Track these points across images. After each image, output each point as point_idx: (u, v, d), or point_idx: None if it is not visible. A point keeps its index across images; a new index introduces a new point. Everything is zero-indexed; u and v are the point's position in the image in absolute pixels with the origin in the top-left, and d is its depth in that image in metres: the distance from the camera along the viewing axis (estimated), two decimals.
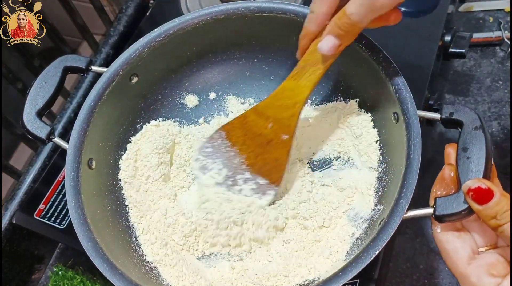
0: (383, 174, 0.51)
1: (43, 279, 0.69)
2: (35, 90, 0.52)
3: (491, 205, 0.39)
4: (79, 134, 0.50)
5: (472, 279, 0.39)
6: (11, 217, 0.64)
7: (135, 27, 0.81)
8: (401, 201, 0.42)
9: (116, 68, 0.53)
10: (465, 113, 0.45)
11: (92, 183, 0.50)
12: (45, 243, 0.69)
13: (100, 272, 0.44)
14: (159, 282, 0.48)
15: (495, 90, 0.76)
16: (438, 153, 0.72)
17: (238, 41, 0.58)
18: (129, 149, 0.55)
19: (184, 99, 0.61)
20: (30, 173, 0.69)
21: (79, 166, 0.48)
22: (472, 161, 0.42)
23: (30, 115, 0.51)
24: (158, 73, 0.58)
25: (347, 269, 0.41)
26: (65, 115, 0.73)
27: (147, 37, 0.54)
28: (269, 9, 0.54)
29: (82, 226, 0.45)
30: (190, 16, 0.55)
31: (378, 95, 0.52)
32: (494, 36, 0.79)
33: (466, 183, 0.40)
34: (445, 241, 0.42)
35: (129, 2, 0.83)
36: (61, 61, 0.54)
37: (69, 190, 0.47)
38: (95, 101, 0.52)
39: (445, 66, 0.78)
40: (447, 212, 0.41)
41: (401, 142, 0.46)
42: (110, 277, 0.43)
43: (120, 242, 0.49)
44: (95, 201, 0.49)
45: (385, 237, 0.41)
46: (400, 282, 0.64)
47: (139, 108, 0.58)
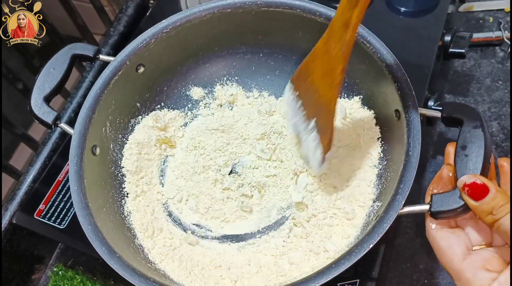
0: (383, 171, 0.51)
1: (43, 279, 0.69)
2: (43, 76, 0.53)
3: (487, 200, 0.39)
4: (84, 121, 0.50)
5: (467, 274, 0.39)
6: (11, 217, 0.64)
7: (135, 27, 0.81)
8: (397, 196, 0.43)
9: (123, 58, 0.54)
10: (465, 111, 0.45)
11: (96, 170, 0.51)
12: (45, 243, 0.69)
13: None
14: (157, 270, 0.48)
15: (495, 90, 0.76)
16: (438, 153, 0.72)
17: (244, 35, 0.59)
18: (132, 138, 0.56)
19: (190, 91, 0.62)
20: (30, 173, 0.69)
21: (83, 151, 0.49)
22: (470, 159, 0.42)
23: (38, 100, 0.52)
24: (164, 64, 0.59)
25: (340, 262, 0.41)
26: (65, 115, 0.73)
27: (154, 28, 0.55)
28: (276, 4, 0.54)
29: (83, 209, 0.46)
30: (198, 9, 0.56)
31: (381, 93, 0.52)
32: (494, 36, 0.79)
33: (461, 178, 0.41)
34: (439, 238, 0.42)
35: (129, 2, 0.83)
36: (69, 48, 0.55)
37: (72, 174, 0.48)
38: (102, 89, 0.52)
39: (445, 66, 0.78)
40: (442, 209, 0.41)
41: (401, 139, 0.46)
42: (108, 259, 0.44)
43: (120, 229, 0.50)
44: (97, 187, 0.50)
45: (380, 231, 0.41)
46: (400, 282, 0.64)
47: (145, 98, 0.59)
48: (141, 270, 0.44)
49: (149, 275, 0.43)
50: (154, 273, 0.46)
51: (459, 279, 0.40)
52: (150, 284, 0.42)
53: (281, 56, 0.60)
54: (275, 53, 0.60)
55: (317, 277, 0.41)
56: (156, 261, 0.49)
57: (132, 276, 0.43)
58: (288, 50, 0.59)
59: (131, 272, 0.43)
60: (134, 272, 0.43)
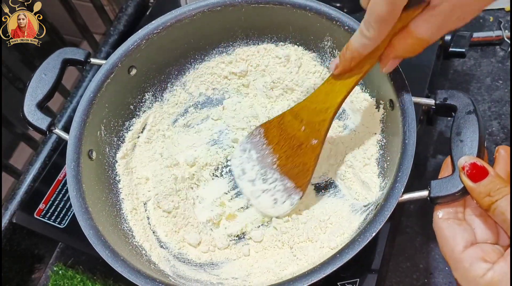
0: (382, 163, 0.51)
1: (43, 278, 0.69)
2: (35, 82, 0.53)
3: (485, 182, 0.39)
4: (79, 125, 0.50)
5: (465, 264, 0.39)
6: (11, 216, 0.64)
7: (135, 26, 0.81)
8: (396, 184, 0.43)
9: (114, 60, 0.54)
10: (458, 98, 0.46)
11: (93, 174, 0.51)
12: (45, 242, 0.69)
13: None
14: (161, 271, 0.48)
15: (495, 90, 0.76)
16: (438, 152, 0.72)
17: (235, 33, 0.59)
18: (127, 141, 0.56)
19: (182, 91, 0.61)
20: (30, 173, 0.69)
21: (79, 156, 0.49)
22: (466, 144, 0.43)
23: (31, 106, 0.51)
24: (156, 65, 0.58)
25: (344, 251, 0.41)
26: (65, 114, 0.73)
27: (144, 29, 0.55)
28: (265, 0, 0.54)
29: (83, 214, 0.46)
30: (187, 8, 0.55)
31: (374, 84, 0.52)
32: (494, 35, 0.79)
33: (461, 159, 0.41)
34: (445, 227, 0.42)
35: (129, 2, 0.83)
36: (60, 53, 0.54)
37: (70, 179, 0.48)
38: (95, 92, 0.52)
39: (445, 66, 0.78)
40: (441, 194, 0.42)
41: (397, 129, 0.46)
42: (112, 263, 0.44)
43: (121, 231, 0.50)
44: (96, 191, 0.50)
45: (381, 219, 0.42)
46: (400, 281, 0.64)
47: (138, 100, 0.59)
48: (145, 271, 0.44)
49: (154, 276, 0.43)
50: (159, 274, 0.46)
51: (456, 269, 0.40)
52: (156, 285, 0.42)
53: None
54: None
55: (322, 268, 0.41)
56: (156, 261, 0.49)
57: (138, 278, 0.43)
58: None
59: (136, 274, 0.43)
60: (139, 274, 0.43)
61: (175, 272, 0.49)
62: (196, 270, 0.50)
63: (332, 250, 0.47)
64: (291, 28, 0.56)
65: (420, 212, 0.68)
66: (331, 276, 0.41)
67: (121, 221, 0.51)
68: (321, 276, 0.41)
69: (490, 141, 0.71)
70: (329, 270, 0.41)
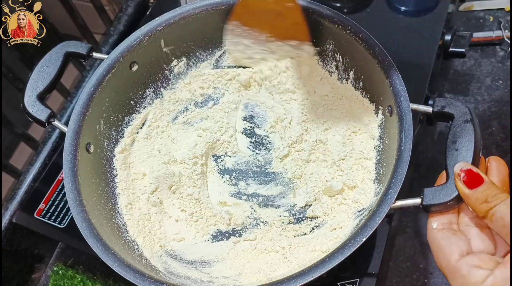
0: (379, 168, 0.51)
1: (43, 278, 0.69)
2: (37, 74, 0.53)
3: (482, 189, 0.39)
4: (78, 118, 0.50)
5: (463, 272, 0.39)
6: (12, 216, 0.64)
7: (135, 26, 0.81)
8: (390, 190, 0.43)
9: (116, 55, 0.54)
10: (456, 106, 0.46)
11: (90, 167, 0.51)
12: (45, 242, 0.69)
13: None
14: (152, 267, 0.48)
15: (495, 90, 0.76)
16: (438, 153, 0.72)
17: None
18: (126, 136, 0.56)
19: (183, 89, 0.62)
20: (30, 173, 0.69)
21: (77, 149, 0.49)
22: (461, 153, 0.43)
23: (31, 97, 0.52)
24: (158, 62, 0.58)
25: (334, 255, 0.41)
26: (65, 114, 0.73)
27: (148, 26, 0.55)
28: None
29: (77, 206, 0.46)
30: (191, 6, 0.56)
31: (375, 90, 0.52)
32: (494, 35, 0.79)
33: (457, 165, 0.41)
34: (440, 237, 0.42)
35: (129, 2, 0.83)
36: (62, 46, 0.55)
37: (66, 172, 0.48)
38: (95, 86, 0.52)
39: (445, 66, 0.78)
40: (434, 202, 0.41)
41: (393, 135, 0.47)
42: (103, 256, 0.44)
43: (115, 226, 0.50)
44: (91, 184, 0.50)
45: (372, 225, 0.42)
46: (400, 281, 0.64)
47: (139, 96, 0.59)
48: (136, 266, 0.44)
49: (144, 271, 0.43)
50: (150, 269, 0.46)
51: (454, 278, 0.39)
52: (145, 280, 0.42)
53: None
54: None
55: (311, 271, 0.41)
56: (148, 257, 0.49)
57: (128, 272, 0.43)
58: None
59: (126, 269, 0.43)
60: (129, 268, 0.43)
61: (166, 268, 0.49)
62: (188, 267, 0.50)
63: (323, 253, 0.47)
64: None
65: (420, 212, 0.68)
66: (331, 276, 0.41)
67: (116, 215, 0.51)
68: (309, 279, 0.41)
69: (490, 141, 0.71)
70: (318, 273, 0.41)
